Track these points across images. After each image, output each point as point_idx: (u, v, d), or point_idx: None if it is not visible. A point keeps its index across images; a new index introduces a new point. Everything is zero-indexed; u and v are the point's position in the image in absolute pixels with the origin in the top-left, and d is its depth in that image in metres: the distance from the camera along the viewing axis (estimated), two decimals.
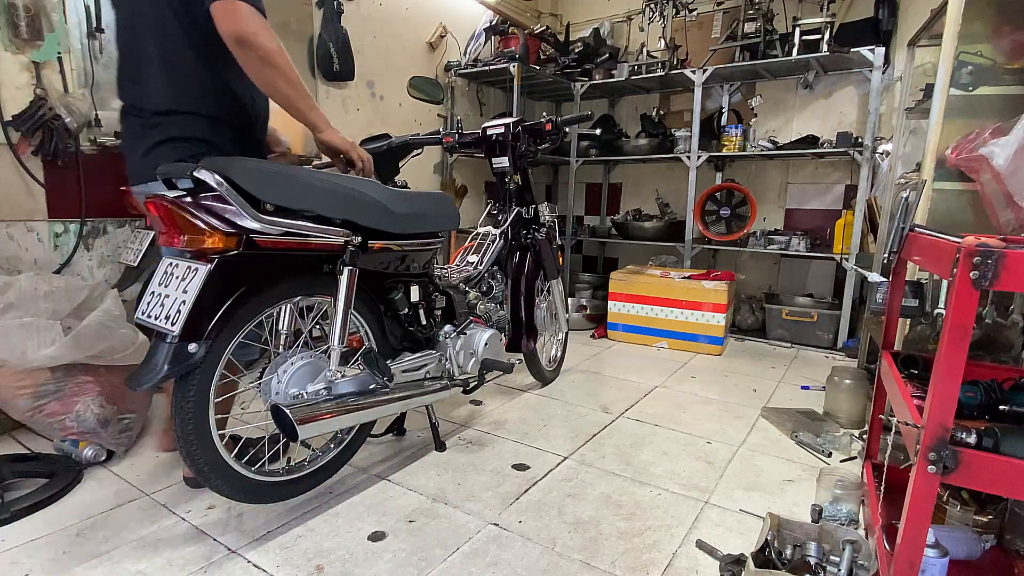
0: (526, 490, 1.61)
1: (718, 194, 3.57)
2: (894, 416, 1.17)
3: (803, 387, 2.57)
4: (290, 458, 1.54)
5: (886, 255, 1.45)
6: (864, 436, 1.88)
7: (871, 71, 3.01)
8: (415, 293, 1.71)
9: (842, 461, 1.84)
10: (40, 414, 1.67)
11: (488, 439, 1.95)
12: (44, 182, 2.00)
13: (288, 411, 1.25)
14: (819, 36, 3.12)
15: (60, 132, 1.96)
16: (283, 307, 1.44)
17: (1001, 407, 1.23)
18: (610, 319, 3.39)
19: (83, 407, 1.68)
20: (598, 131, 3.46)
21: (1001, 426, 0.99)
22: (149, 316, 1.20)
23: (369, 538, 1.37)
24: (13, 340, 1.62)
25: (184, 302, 1.16)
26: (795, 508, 1.55)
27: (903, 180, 2.43)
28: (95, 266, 2.17)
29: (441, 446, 1.86)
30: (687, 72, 3.46)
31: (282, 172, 1.27)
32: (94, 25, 2.06)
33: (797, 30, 3.15)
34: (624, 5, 4.14)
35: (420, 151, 2.13)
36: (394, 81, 3.34)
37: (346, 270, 1.42)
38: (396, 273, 1.66)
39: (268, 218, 1.22)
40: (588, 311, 3.70)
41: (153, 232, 2.00)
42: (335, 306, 1.42)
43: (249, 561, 1.28)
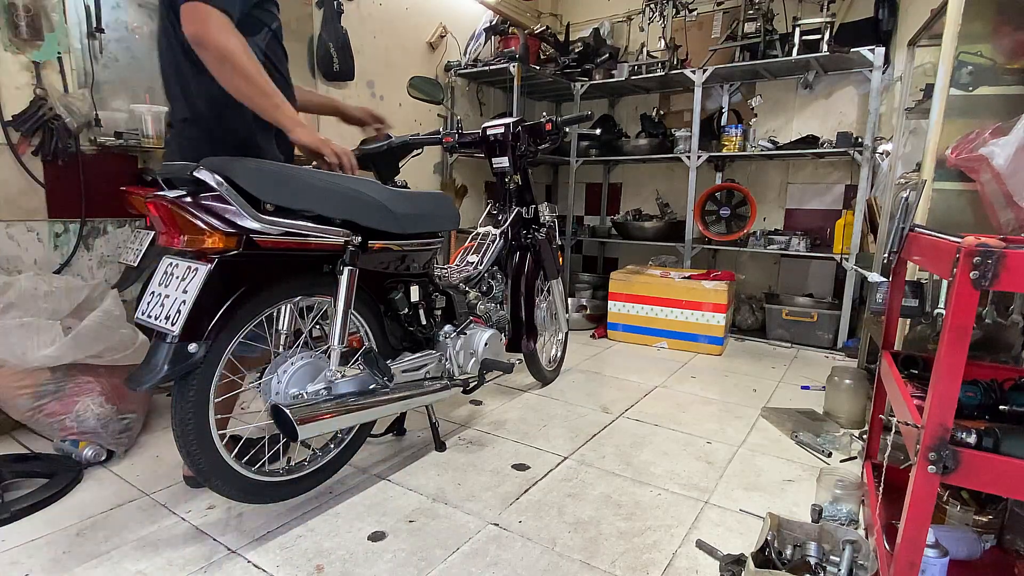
0: (526, 490, 1.62)
1: (718, 194, 3.57)
2: (894, 416, 1.17)
3: (803, 387, 2.57)
4: (290, 458, 1.54)
5: (886, 255, 1.45)
6: (864, 436, 1.88)
7: (871, 71, 3.00)
8: (415, 293, 1.71)
9: (842, 461, 1.84)
10: (40, 414, 1.67)
11: (488, 439, 1.95)
12: (44, 182, 2.00)
13: (288, 411, 1.25)
14: (819, 36, 3.12)
15: (60, 132, 1.96)
16: (283, 307, 1.44)
17: (1001, 407, 1.23)
18: (610, 319, 3.39)
19: (83, 407, 1.68)
20: (598, 131, 3.47)
21: (1001, 426, 0.99)
22: (149, 316, 1.20)
23: (369, 538, 1.37)
24: (13, 340, 1.62)
25: (184, 302, 1.16)
26: (795, 508, 1.55)
27: (903, 180, 2.43)
28: (95, 266, 2.17)
29: (441, 446, 1.86)
30: (687, 72, 3.46)
31: (282, 172, 1.27)
32: (94, 25, 2.06)
33: (797, 30, 3.15)
34: (624, 5, 4.14)
35: (420, 151, 2.13)
36: (394, 81, 3.34)
37: (346, 270, 1.42)
38: (396, 273, 1.66)
39: (268, 218, 1.22)
40: (588, 311, 3.70)
41: (153, 232, 2.00)
42: (335, 306, 1.42)
43: (249, 561, 1.28)
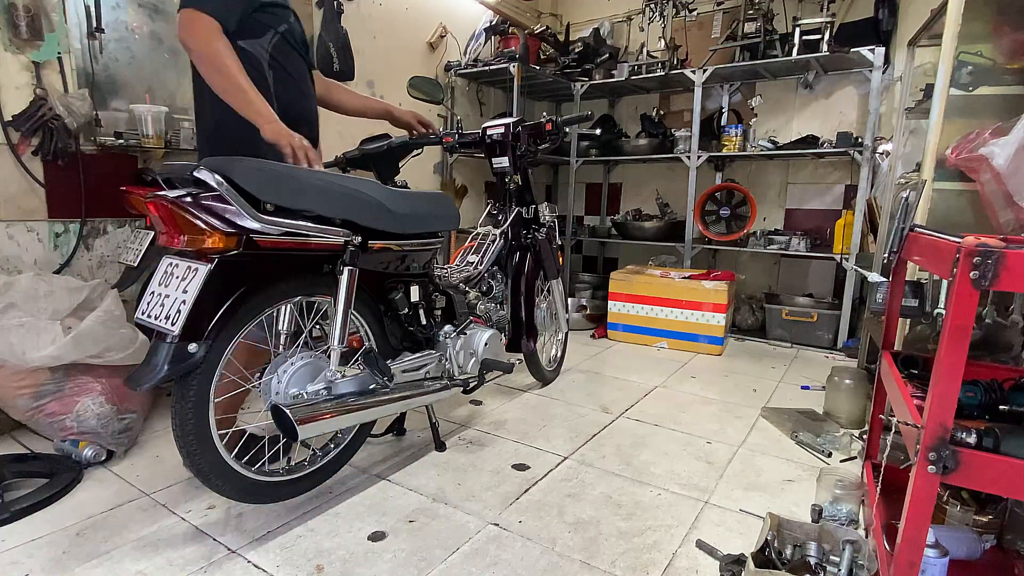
0: (526, 490, 1.62)
1: (718, 194, 3.57)
2: (894, 416, 1.17)
3: (803, 387, 2.57)
4: (290, 458, 1.54)
5: (886, 255, 1.45)
6: (864, 436, 1.88)
7: (871, 71, 3.00)
8: (415, 293, 1.71)
9: (842, 461, 1.84)
10: (40, 414, 1.67)
11: (488, 439, 1.95)
12: (44, 182, 2.00)
13: (288, 411, 1.25)
14: (819, 36, 3.12)
15: (60, 132, 1.95)
16: (283, 307, 1.44)
17: (1001, 407, 1.23)
18: (610, 319, 3.39)
19: (83, 407, 1.67)
20: (598, 131, 3.47)
21: (1001, 426, 0.99)
22: (149, 316, 1.20)
23: (369, 538, 1.37)
24: (13, 340, 1.62)
25: (184, 302, 1.16)
26: (795, 508, 1.55)
27: (903, 180, 2.43)
28: (95, 266, 2.17)
29: (441, 446, 1.86)
30: (687, 72, 3.46)
31: (282, 172, 1.27)
32: (94, 25, 2.06)
33: (797, 30, 3.15)
34: (624, 5, 4.14)
35: (420, 151, 2.14)
36: (394, 81, 3.33)
37: (346, 270, 1.42)
38: (396, 273, 1.66)
39: (268, 218, 1.22)
40: (588, 311, 3.70)
41: (153, 232, 2.00)
42: (335, 306, 1.42)
43: (249, 561, 1.28)
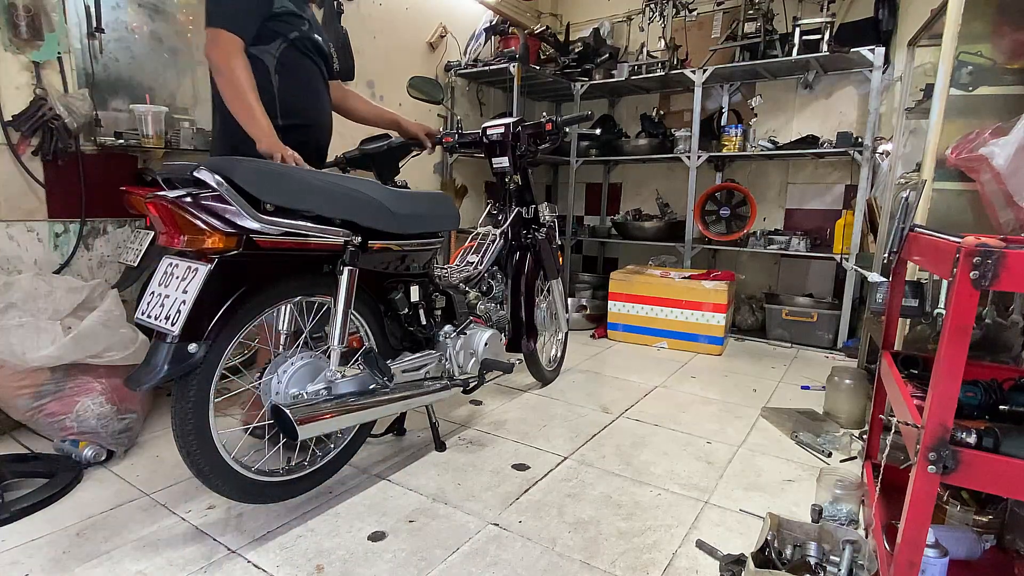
0: (526, 490, 1.61)
1: (718, 194, 3.57)
2: (894, 416, 1.17)
3: (803, 387, 2.57)
4: (290, 458, 1.54)
5: (886, 255, 1.45)
6: (864, 436, 1.88)
7: (871, 71, 3.00)
8: (415, 293, 1.71)
9: (842, 461, 1.84)
10: (40, 414, 1.67)
11: (488, 439, 1.95)
12: (44, 182, 2.00)
13: (288, 411, 1.25)
14: (819, 36, 3.12)
15: (60, 132, 1.95)
16: (283, 307, 1.44)
17: (1001, 407, 1.23)
18: (610, 319, 3.39)
19: (83, 407, 1.67)
20: (598, 131, 3.46)
21: (1001, 426, 0.99)
22: (149, 316, 1.20)
23: (369, 538, 1.37)
24: (13, 340, 1.62)
25: (184, 302, 1.16)
26: (795, 508, 1.55)
27: (903, 180, 2.43)
28: (95, 266, 2.17)
29: (441, 446, 1.86)
30: (687, 72, 3.46)
31: (282, 172, 1.27)
32: (94, 25, 2.06)
33: (797, 30, 3.15)
34: (624, 5, 4.14)
35: (419, 152, 2.13)
36: (394, 81, 3.33)
37: (346, 270, 1.42)
38: (396, 273, 1.66)
39: (268, 218, 1.22)
40: (588, 311, 3.70)
41: (153, 232, 2.00)
42: (335, 306, 1.42)
43: (249, 561, 1.28)
